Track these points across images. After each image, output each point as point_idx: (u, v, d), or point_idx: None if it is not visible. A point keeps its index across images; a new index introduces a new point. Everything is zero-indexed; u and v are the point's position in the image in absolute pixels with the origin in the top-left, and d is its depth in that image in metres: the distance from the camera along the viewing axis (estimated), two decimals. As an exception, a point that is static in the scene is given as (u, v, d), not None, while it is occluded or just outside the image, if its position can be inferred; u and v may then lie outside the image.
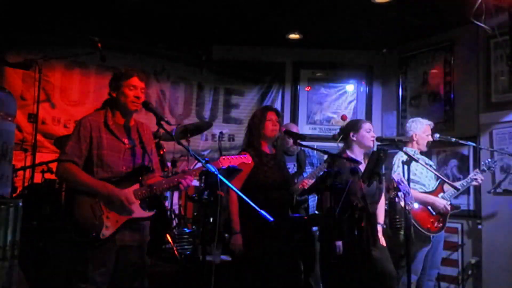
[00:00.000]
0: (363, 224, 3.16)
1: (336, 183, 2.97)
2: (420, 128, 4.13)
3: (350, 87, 6.14)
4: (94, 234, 2.57)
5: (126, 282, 2.72)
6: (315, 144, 5.01)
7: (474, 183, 4.08)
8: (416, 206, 3.86)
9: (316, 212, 4.03)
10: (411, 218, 3.53)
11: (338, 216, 3.03)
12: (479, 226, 4.73)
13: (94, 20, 5.08)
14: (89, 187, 2.61)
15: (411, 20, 4.94)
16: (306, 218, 4.00)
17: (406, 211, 3.26)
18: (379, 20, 5.06)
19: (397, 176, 3.27)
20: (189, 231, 4.76)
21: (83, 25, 5.01)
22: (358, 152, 3.55)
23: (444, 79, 5.30)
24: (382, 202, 3.62)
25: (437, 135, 4.18)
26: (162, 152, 4.65)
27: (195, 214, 5.15)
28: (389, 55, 5.97)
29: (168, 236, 4.34)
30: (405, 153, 3.44)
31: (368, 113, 6.01)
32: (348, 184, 3.14)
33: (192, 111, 6.07)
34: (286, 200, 3.52)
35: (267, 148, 3.49)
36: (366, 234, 3.28)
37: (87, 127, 2.70)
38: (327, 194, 3.06)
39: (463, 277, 4.83)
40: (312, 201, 4.17)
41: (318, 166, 3.93)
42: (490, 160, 4.20)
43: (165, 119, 2.76)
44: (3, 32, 4.85)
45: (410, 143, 4.11)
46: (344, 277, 3.17)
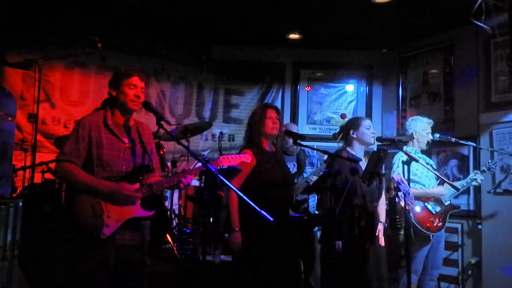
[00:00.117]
0: (362, 223, 3.16)
1: (336, 183, 2.97)
2: (420, 126, 4.13)
3: (350, 87, 6.14)
4: (95, 234, 2.56)
5: (126, 282, 2.71)
6: (315, 144, 5.01)
7: (474, 183, 4.09)
8: (418, 209, 3.87)
9: (316, 212, 4.03)
10: (411, 218, 3.53)
11: (338, 216, 3.03)
12: (479, 226, 4.74)
13: (94, 20, 5.08)
14: (88, 186, 2.61)
15: (411, 20, 4.94)
16: (306, 218, 4.00)
17: (406, 211, 3.26)
18: (379, 20, 5.06)
19: (397, 176, 3.27)
20: (189, 231, 4.77)
21: (83, 25, 5.01)
22: (358, 149, 3.56)
23: (444, 79, 5.30)
24: (383, 200, 3.62)
25: (437, 135, 4.18)
26: (162, 152, 4.65)
27: (195, 214, 5.15)
28: (389, 55, 5.96)
29: (168, 236, 4.34)
30: (405, 153, 3.44)
31: (368, 113, 6.00)
32: (348, 184, 3.14)
33: (192, 111, 6.07)
34: (286, 200, 3.51)
35: (267, 146, 3.48)
36: (364, 232, 3.28)
37: (86, 127, 2.70)
38: (327, 194, 3.06)
39: (463, 277, 4.83)
40: (312, 201, 4.16)
41: (318, 167, 3.93)
42: (490, 161, 4.21)
43: (165, 119, 2.75)
44: (3, 32, 4.86)
45: (410, 141, 4.11)
46: (344, 277, 3.17)
